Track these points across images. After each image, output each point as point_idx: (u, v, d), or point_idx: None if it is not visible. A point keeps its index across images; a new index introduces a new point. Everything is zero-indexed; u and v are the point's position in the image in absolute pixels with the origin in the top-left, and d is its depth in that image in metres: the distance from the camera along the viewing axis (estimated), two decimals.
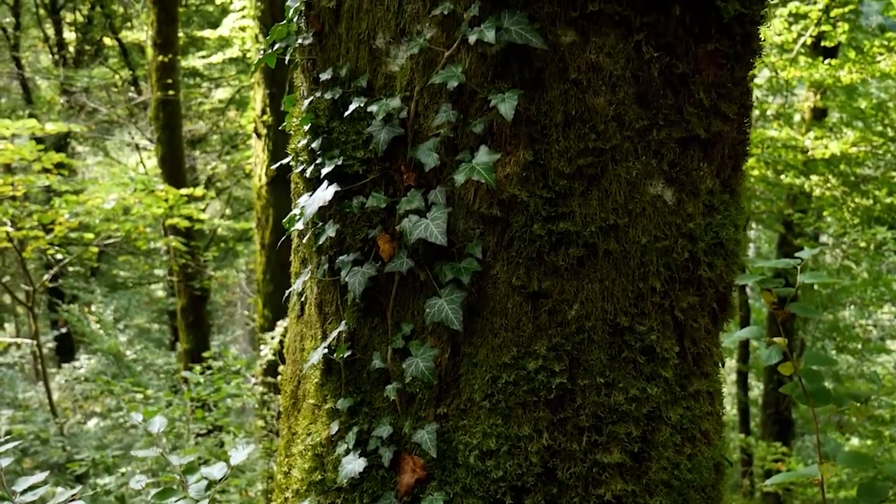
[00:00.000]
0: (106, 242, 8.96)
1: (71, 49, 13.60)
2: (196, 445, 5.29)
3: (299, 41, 1.66)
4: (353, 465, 1.57)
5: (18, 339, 9.73)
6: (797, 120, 10.46)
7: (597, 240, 1.52)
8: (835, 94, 9.80)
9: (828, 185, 9.11)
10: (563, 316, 1.54)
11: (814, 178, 9.08)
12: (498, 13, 1.46)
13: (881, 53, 7.97)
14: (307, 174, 1.65)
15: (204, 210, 9.30)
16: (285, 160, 1.80)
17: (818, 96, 9.57)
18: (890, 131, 9.12)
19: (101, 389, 5.56)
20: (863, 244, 8.99)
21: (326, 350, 1.67)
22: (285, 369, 1.91)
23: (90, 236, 8.52)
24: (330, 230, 1.62)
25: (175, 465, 1.78)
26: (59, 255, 8.10)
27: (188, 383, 5.21)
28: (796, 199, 10.06)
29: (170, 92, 9.49)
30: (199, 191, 8.69)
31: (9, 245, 7.82)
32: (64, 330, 11.13)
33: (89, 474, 5.83)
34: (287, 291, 1.83)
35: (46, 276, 8.34)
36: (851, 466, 2.27)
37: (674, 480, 1.58)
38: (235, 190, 13.57)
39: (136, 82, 12.95)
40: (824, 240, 11.57)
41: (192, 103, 12.97)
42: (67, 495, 1.69)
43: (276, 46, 1.75)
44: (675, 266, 1.59)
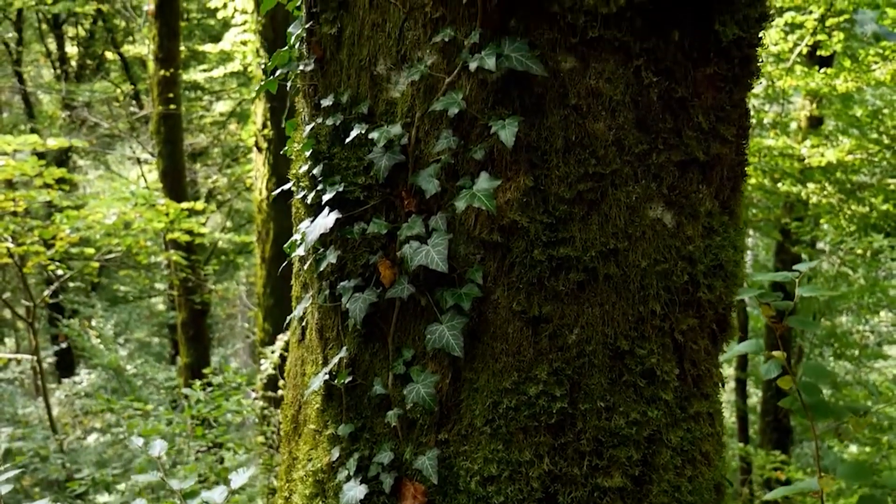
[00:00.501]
0: (107, 257, 8.97)
1: (73, 63, 13.65)
2: (196, 462, 5.28)
3: (301, 67, 1.67)
4: (354, 492, 1.57)
5: (18, 355, 9.72)
6: (793, 128, 10.49)
7: (597, 264, 1.53)
8: (831, 103, 9.82)
9: (824, 193, 9.12)
10: (564, 340, 1.55)
11: (810, 186, 9.10)
12: (498, 40, 1.47)
13: (876, 62, 8.00)
14: (308, 200, 1.66)
15: (205, 223, 9.30)
16: (286, 185, 1.81)
17: (814, 105, 9.59)
18: (885, 139, 9.14)
19: (102, 408, 5.55)
20: (859, 251, 9.00)
21: (327, 376, 1.67)
22: (286, 393, 1.91)
23: (91, 251, 8.53)
24: (331, 256, 1.63)
25: (176, 491, 1.78)
26: (60, 271, 8.10)
27: (188, 399, 5.21)
28: (793, 207, 10.07)
29: (171, 106, 9.51)
30: (200, 205, 8.70)
31: (9, 261, 7.82)
32: (64, 345, 11.12)
33: (89, 492, 5.82)
34: (288, 318, 1.83)
35: (47, 292, 8.34)
36: (851, 479, 2.27)
37: (675, 503, 1.58)
38: (236, 202, 13.59)
39: (138, 96, 13.00)
40: (821, 247, 11.58)
41: (194, 117, 13.00)
42: None
43: (278, 72, 1.76)
44: (675, 289, 1.60)
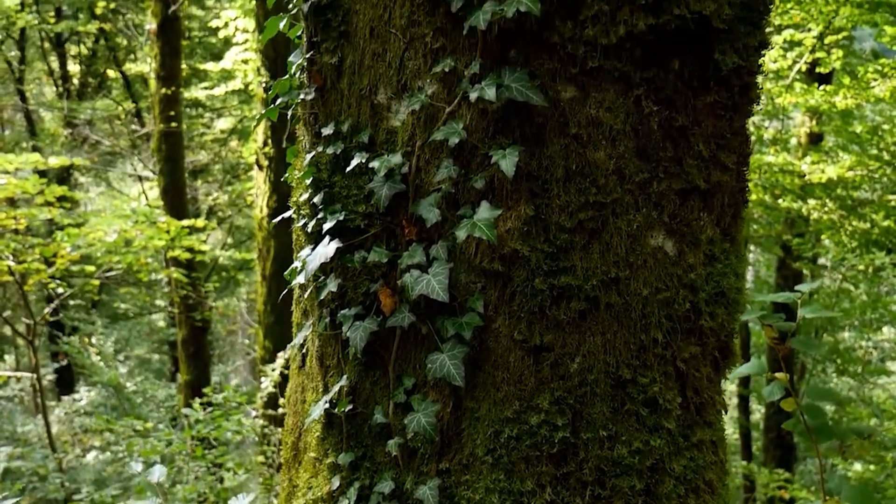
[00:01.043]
0: (107, 274, 8.97)
1: (75, 81, 13.71)
2: (196, 480, 5.25)
3: (301, 96, 1.68)
4: None
5: (18, 373, 9.70)
6: (794, 144, 10.51)
7: (598, 293, 1.53)
8: (831, 119, 9.85)
9: (825, 209, 9.13)
10: (566, 369, 1.54)
11: (811, 202, 9.11)
12: (498, 70, 1.48)
13: (875, 79, 8.02)
14: (309, 228, 1.66)
15: (205, 240, 9.31)
16: (287, 213, 1.81)
17: (814, 121, 9.62)
18: (885, 155, 9.16)
19: (102, 427, 5.53)
20: (861, 267, 8.99)
21: (328, 404, 1.66)
22: (286, 420, 1.91)
23: (91, 269, 8.53)
24: (332, 285, 1.62)
25: None
26: (60, 289, 8.09)
27: (188, 419, 5.19)
28: (794, 223, 10.07)
29: (172, 124, 9.55)
30: (201, 222, 8.72)
31: (10, 278, 7.82)
32: (64, 362, 11.10)
33: None
34: (289, 349, 1.83)
35: (47, 310, 8.33)
36: (855, 502, 2.26)
37: None
38: (237, 219, 13.60)
39: (140, 114, 13.05)
40: (823, 262, 11.57)
41: (195, 134, 13.04)
42: None
43: (279, 100, 1.76)
44: (677, 317, 1.59)
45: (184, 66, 11.18)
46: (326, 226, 1.61)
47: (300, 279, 1.70)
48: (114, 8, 12.43)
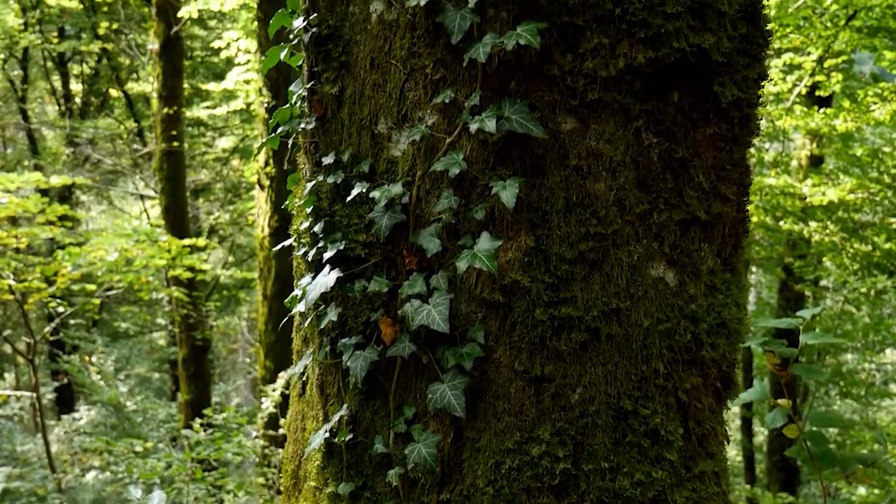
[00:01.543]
0: (108, 293, 8.97)
1: (77, 100, 13.79)
2: (196, 502, 5.22)
3: (302, 125, 1.68)
4: None
5: (18, 392, 9.67)
6: (794, 166, 10.54)
7: (599, 324, 1.53)
8: (831, 141, 9.88)
9: (826, 232, 9.13)
10: (567, 400, 1.54)
11: (812, 225, 9.12)
12: (499, 102, 1.48)
13: (875, 102, 8.06)
14: (309, 257, 1.66)
15: (206, 259, 9.32)
16: (288, 241, 1.81)
17: (814, 144, 9.65)
18: (886, 178, 9.18)
19: (101, 450, 5.50)
20: (864, 290, 8.98)
21: (328, 433, 1.66)
22: (286, 448, 1.90)
23: (92, 287, 8.53)
24: (332, 314, 1.62)
25: None
26: (61, 308, 8.09)
27: (188, 440, 5.16)
28: (796, 245, 10.08)
29: (174, 143, 9.58)
30: (202, 241, 8.73)
31: (10, 297, 7.82)
32: (65, 381, 11.07)
33: None
34: (289, 373, 1.82)
35: (47, 329, 8.32)
36: None
37: None
38: (238, 237, 13.62)
39: (142, 133, 13.10)
40: (825, 284, 11.55)
41: (196, 153, 13.09)
42: None
43: (280, 129, 1.77)
44: (678, 348, 1.59)
45: (186, 86, 11.24)
46: (327, 255, 1.61)
47: (300, 307, 1.69)
48: (116, 28, 12.52)
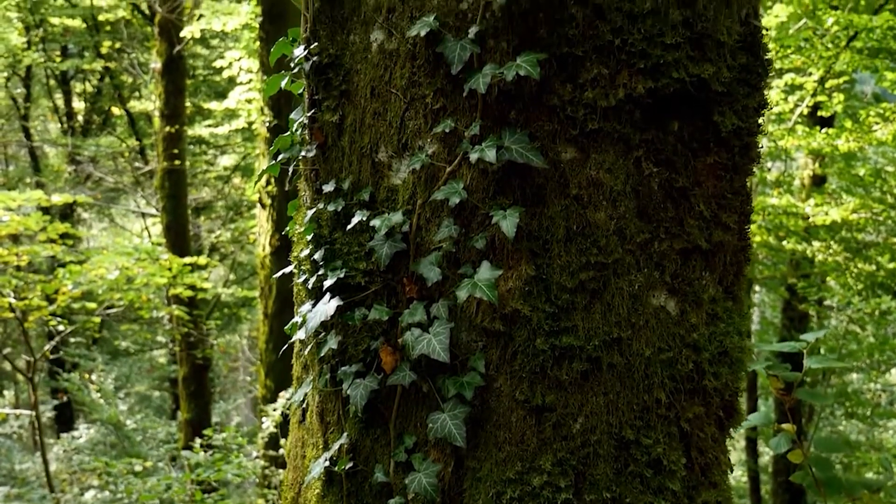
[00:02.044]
0: (108, 311, 8.96)
1: (79, 118, 13.85)
2: None
3: (303, 153, 1.68)
4: None
5: (17, 411, 9.64)
6: (797, 185, 10.54)
7: (600, 353, 1.52)
8: (833, 161, 9.89)
9: (830, 251, 9.12)
10: (568, 430, 1.52)
11: (816, 244, 9.10)
12: (499, 131, 1.48)
13: (877, 123, 8.07)
14: (309, 285, 1.66)
15: (207, 277, 9.32)
16: (288, 268, 1.81)
17: (817, 164, 9.65)
18: (889, 198, 9.17)
19: (100, 472, 5.47)
20: (868, 310, 8.95)
21: (328, 462, 1.64)
22: (286, 475, 1.88)
23: (93, 306, 8.52)
24: (332, 342, 1.62)
25: None
26: (61, 326, 8.08)
27: (188, 461, 5.13)
28: (799, 265, 10.05)
29: (176, 162, 9.61)
30: (203, 259, 8.73)
31: (11, 315, 7.82)
32: (65, 399, 11.04)
33: None
34: (290, 399, 1.81)
35: (47, 347, 8.31)
36: None
37: None
38: (239, 255, 13.62)
39: (143, 151, 13.15)
40: (829, 303, 11.51)
41: (198, 171, 13.12)
42: None
43: (281, 156, 1.77)
44: (680, 377, 1.58)
45: (188, 104, 11.30)
46: (327, 283, 1.60)
47: (300, 335, 1.69)
48: (119, 47, 12.60)
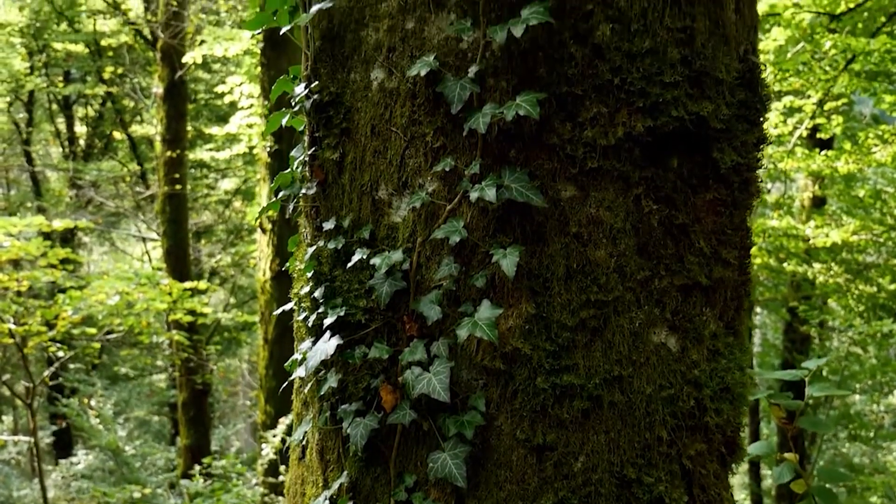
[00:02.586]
0: (108, 337, 8.94)
1: (81, 143, 13.90)
2: None
3: (304, 190, 1.69)
4: None
5: (15, 437, 9.59)
6: (797, 207, 10.55)
7: (601, 391, 1.51)
8: (833, 182, 9.90)
9: (831, 273, 9.11)
10: (569, 469, 1.51)
11: (816, 266, 9.09)
12: (499, 170, 1.49)
13: (876, 145, 8.09)
14: (309, 322, 1.65)
15: (207, 302, 9.30)
16: (288, 305, 1.80)
17: (816, 185, 9.67)
18: (889, 219, 9.18)
19: (99, 500, 5.43)
20: (871, 332, 8.92)
21: (328, 501, 1.63)
22: None
23: (92, 331, 8.50)
24: (332, 380, 1.61)
25: None
26: (61, 352, 8.06)
27: (187, 490, 5.10)
28: (800, 286, 10.04)
29: (177, 186, 9.64)
30: (203, 284, 8.72)
31: (10, 341, 7.80)
32: (64, 425, 10.98)
33: None
34: (291, 439, 1.80)
35: (47, 373, 8.28)
36: None
37: None
38: (240, 279, 13.61)
39: (145, 176, 13.19)
40: (831, 324, 11.48)
41: (199, 195, 13.15)
42: None
43: (281, 194, 1.78)
44: (682, 414, 1.57)
45: (189, 129, 11.34)
46: (327, 321, 1.60)
47: (300, 372, 1.68)
48: (121, 72, 12.68)
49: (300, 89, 1.67)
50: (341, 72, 1.64)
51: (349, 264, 1.60)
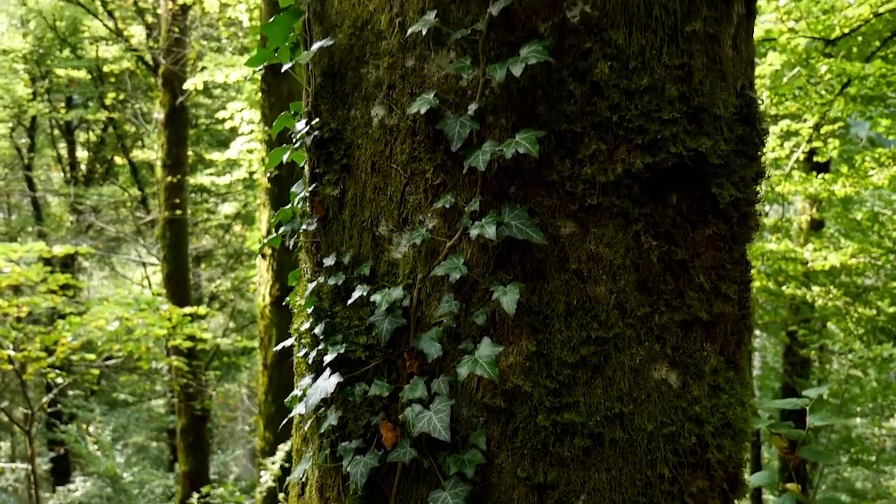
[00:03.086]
0: (108, 363, 8.91)
1: (82, 167, 13.95)
2: None
3: (304, 226, 1.69)
4: None
5: (13, 465, 9.52)
6: (795, 229, 10.57)
7: (602, 429, 1.50)
8: (831, 205, 9.93)
9: (830, 296, 9.10)
10: None
11: (815, 289, 9.09)
12: (498, 207, 1.49)
13: (873, 168, 8.12)
14: (310, 359, 1.65)
15: (207, 327, 9.28)
16: (288, 341, 1.80)
17: (814, 209, 9.69)
18: (888, 241, 9.19)
19: None
20: (871, 356, 8.90)
21: None
22: None
23: (92, 357, 8.48)
24: (332, 417, 1.60)
25: None
26: (60, 379, 8.03)
27: None
28: (799, 309, 10.03)
29: (177, 211, 9.65)
30: (203, 310, 8.71)
31: (10, 367, 7.77)
32: (62, 452, 10.91)
33: None
34: (290, 478, 1.79)
35: (45, 399, 8.24)
36: None
37: None
38: (239, 303, 13.59)
39: (145, 201, 13.22)
40: (830, 346, 11.45)
41: (199, 220, 13.17)
42: None
43: (282, 229, 1.78)
44: (683, 451, 1.56)
45: (190, 153, 11.38)
46: (327, 358, 1.59)
47: (300, 409, 1.67)
48: (123, 98, 12.75)
49: (301, 125, 1.68)
50: (342, 108, 1.65)
51: (349, 301, 1.60)
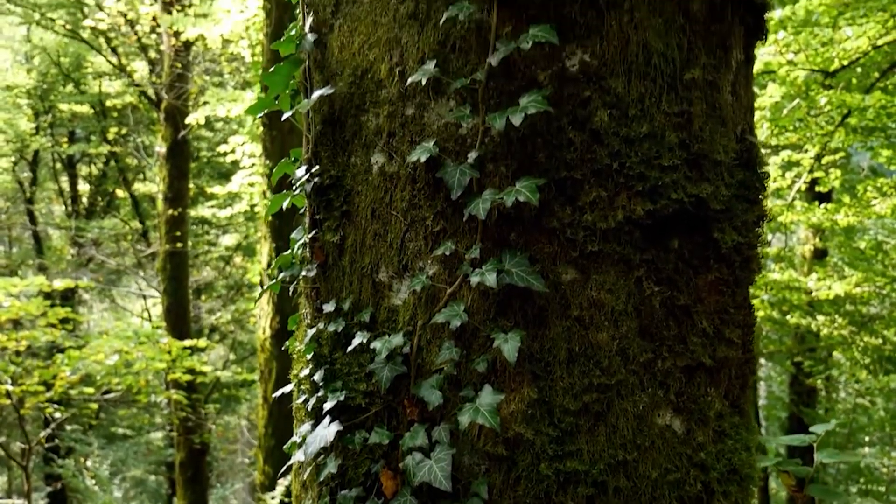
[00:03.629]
0: (106, 397, 8.87)
1: (84, 200, 14.00)
2: None
3: (304, 272, 1.68)
4: None
5: (9, 501, 9.43)
6: (798, 258, 10.56)
7: (606, 477, 1.48)
8: (834, 234, 9.93)
9: (835, 325, 9.07)
10: None
11: (820, 318, 9.05)
12: (499, 254, 1.48)
13: (875, 197, 8.13)
14: (309, 406, 1.63)
15: (206, 360, 9.24)
16: (287, 387, 1.78)
17: (817, 238, 9.69)
18: (892, 270, 9.17)
19: None
20: (878, 386, 8.85)
21: None
22: None
23: (90, 391, 8.44)
24: (331, 465, 1.58)
25: None
26: (58, 413, 7.98)
27: None
28: (804, 338, 9.98)
29: (178, 244, 9.66)
30: (203, 342, 8.68)
31: (8, 402, 7.73)
32: (59, 487, 10.81)
33: None
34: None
35: (43, 434, 8.19)
36: None
37: None
38: (239, 334, 13.55)
39: (146, 234, 13.24)
40: (836, 375, 11.37)
41: (200, 252, 13.18)
42: None
43: (282, 275, 1.77)
44: (689, 498, 1.54)
45: (191, 186, 11.42)
46: (327, 405, 1.58)
47: (299, 457, 1.65)
48: (125, 132, 12.83)
49: (301, 172, 1.68)
50: (342, 155, 1.65)
51: (349, 347, 1.58)
